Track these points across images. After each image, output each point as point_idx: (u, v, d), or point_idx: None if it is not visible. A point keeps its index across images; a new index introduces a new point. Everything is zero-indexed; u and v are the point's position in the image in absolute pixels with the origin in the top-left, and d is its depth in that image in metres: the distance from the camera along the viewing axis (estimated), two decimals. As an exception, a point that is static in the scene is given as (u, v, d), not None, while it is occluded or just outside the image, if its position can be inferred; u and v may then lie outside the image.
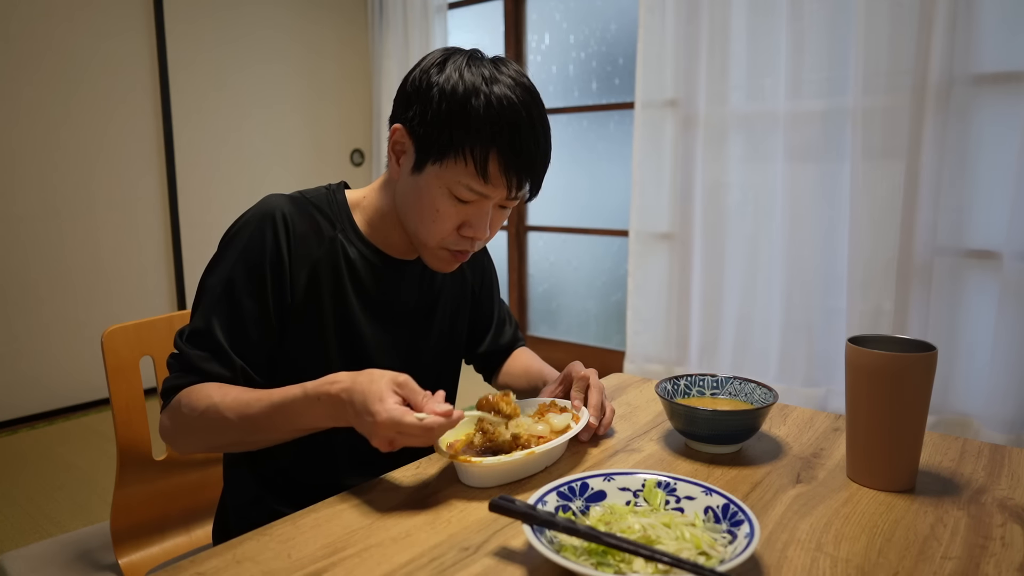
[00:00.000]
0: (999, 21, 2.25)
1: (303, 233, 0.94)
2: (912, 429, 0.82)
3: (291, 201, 0.96)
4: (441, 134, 0.87)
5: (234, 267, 0.91)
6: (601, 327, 3.70)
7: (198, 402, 0.86)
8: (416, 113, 0.90)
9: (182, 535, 1.19)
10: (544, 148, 0.92)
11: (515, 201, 0.94)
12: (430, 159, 0.89)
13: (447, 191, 0.90)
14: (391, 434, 0.76)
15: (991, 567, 0.67)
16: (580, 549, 0.66)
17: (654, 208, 3.06)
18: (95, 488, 2.46)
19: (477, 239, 0.94)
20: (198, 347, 0.90)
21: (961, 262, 2.40)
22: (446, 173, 0.89)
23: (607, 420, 0.99)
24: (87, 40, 3.13)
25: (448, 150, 0.87)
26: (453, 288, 1.11)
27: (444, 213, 0.91)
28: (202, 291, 0.93)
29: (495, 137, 0.86)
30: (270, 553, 0.71)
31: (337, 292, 0.97)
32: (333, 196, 1.01)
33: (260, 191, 3.73)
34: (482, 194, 0.89)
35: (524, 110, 0.88)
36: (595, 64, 3.54)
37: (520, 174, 0.89)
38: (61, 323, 3.16)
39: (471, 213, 0.92)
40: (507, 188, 0.89)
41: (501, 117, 0.86)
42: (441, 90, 0.88)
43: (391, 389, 0.77)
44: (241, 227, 0.93)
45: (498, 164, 0.87)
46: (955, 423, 2.45)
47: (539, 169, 0.92)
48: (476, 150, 0.86)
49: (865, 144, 2.48)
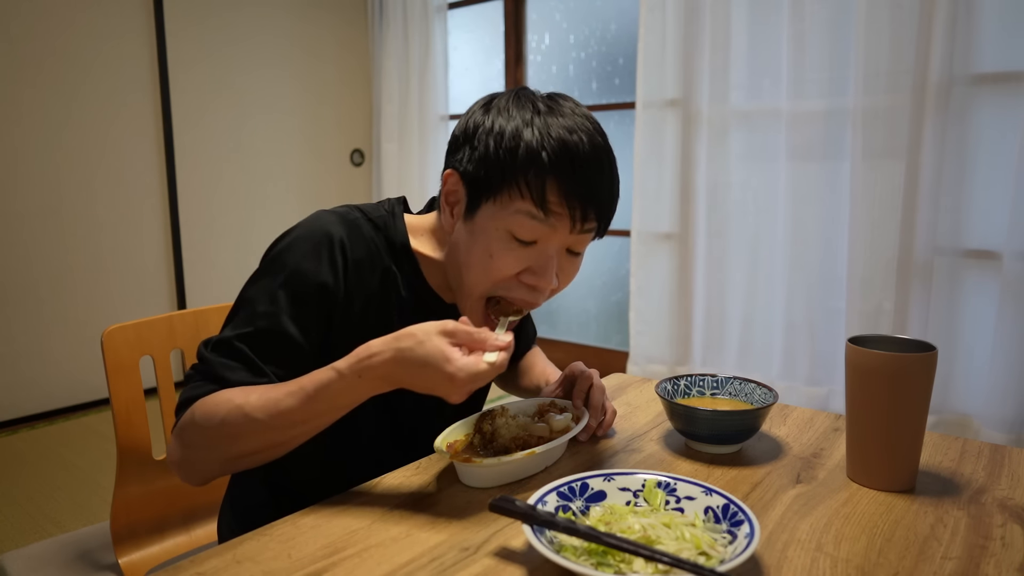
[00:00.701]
0: (999, 21, 2.25)
1: (358, 260, 0.88)
2: (912, 429, 0.82)
3: (346, 223, 0.89)
4: (493, 169, 0.82)
5: (280, 287, 0.85)
6: (601, 327, 3.70)
7: (216, 408, 0.78)
8: (465, 154, 0.85)
9: (182, 535, 1.19)
10: (610, 174, 0.84)
11: (583, 240, 0.85)
12: (483, 197, 0.83)
13: (504, 231, 0.82)
14: (470, 386, 0.72)
15: (991, 567, 0.67)
16: (580, 549, 0.66)
17: (656, 208, 3.06)
18: (95, 488, 2.46)
19: (539, 288, 0.85)
20: (225, 356, 0.82)
21: (961, 262, 2.40)
22: (502, 211, 0.82)
23: (608, 420, 0.99)
24: (88, 42, 3.13)
25: (502, 184, 0.81)
26: None
27: (501, 261, 0.83)
28: (240, 304, 0.86)
29: (552, 163, 0.80)
30: (270, 553, 0.71)
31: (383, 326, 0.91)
32: (392, 219, 0.93)
33: (260, 191, 3.74)
34: (544, 224, 0.81)
35: (583, 134, 0.82)
36: (595, 64, 3.54)
37: (584, 202, 0.81)
38: (61, 323, 3.16)
39: (534, 258, 0.84)
40: (571, 220, 0.81)
41: (560, 142, 0.80)
42: (490, 128, 0.83)
43: (449, 343, 0.71)
44: (292, 245, 0.87)
45: (558, 191, 0.80)
46: (955, 423, 2.45)
47: (604, 196, 0.84)
48: (532, 179, 0.80)
49: (865, 144, 2.48)
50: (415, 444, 1.02)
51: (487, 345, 0.73)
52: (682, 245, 3.00)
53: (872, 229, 2.51)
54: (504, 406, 0.98)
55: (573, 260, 0.88)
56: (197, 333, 1.20)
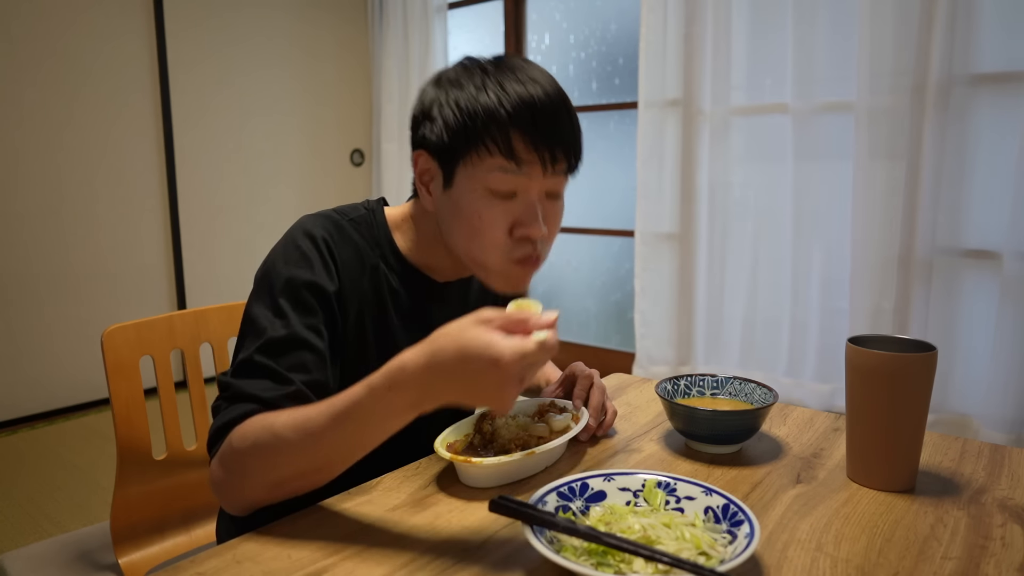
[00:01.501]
0: (999, 21, 2.25)
1: (347, 261, 0.90)
2: (912, 429, 0.82)
3: (330, 224, 0.91)
4: (458, 135, 0.84)
5: (280, 297, 0.85)
6: (601, 327, 3.70)
7: (249, 432, 0.75)
8: (428, 129, 0.87)
9: (182, 535, 1.19)
10: (568, 115, 0.86)
11: (559, 181, 0.88)
12: (457, 164, 0.86)
13: (483, 189, 0.85)
14: (522, 372, 0.65)
15: (991, 567, 0.67)
16: (580, 549, 0.66)
17: (659, 209, 3.06)
18: (95, 488, 2.46)
19: (534, 237, 0.86)
20: (245, 376, 0.82)
21: (961, 262, 2.40)
22: (476, 171, 0.85)
23: (608, 421, 0.99)
24: (89, 42, 3.13)
25: (470, 146, 0.84)
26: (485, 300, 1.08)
27: (488, 218, 0.85)
28: (245, 325, 0.86)
29: (513, 116, 0.82)
30: (270, 553, 0.71)
31: (382, 324, 0.93)
32: (373, 216, 0.95)
33: (260, 191, 3.74)
34: (518, 174, 0.84)
35: (536, 83, 0.84)
36: (595, 64, 3.54)
37: (550, 146, 0.84)
38: (61, 323, 3.16)
39: (517, 210, 0.86)
40: (541, 164, 0.84)
41: (515, 95, 0.83)
42: (445, 98, 0.86)
43: (488, 329, 0.66)
44: (280, 256, 0.88)
45: (524, 140, 0.83)
46: (955, 423, 2.45)
47: (568, 135, 0.86)
48: (497, 134, 0.83)
49: (866, 144, 2.48)
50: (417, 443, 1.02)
51: (530, 325, 0.67)
52: (684, 245, 3.00)
53: (872, 229, 2.51)
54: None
55: (555, 204, 0.90)
56: (197, 333, 1.20)
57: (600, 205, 3.61)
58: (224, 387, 0.83)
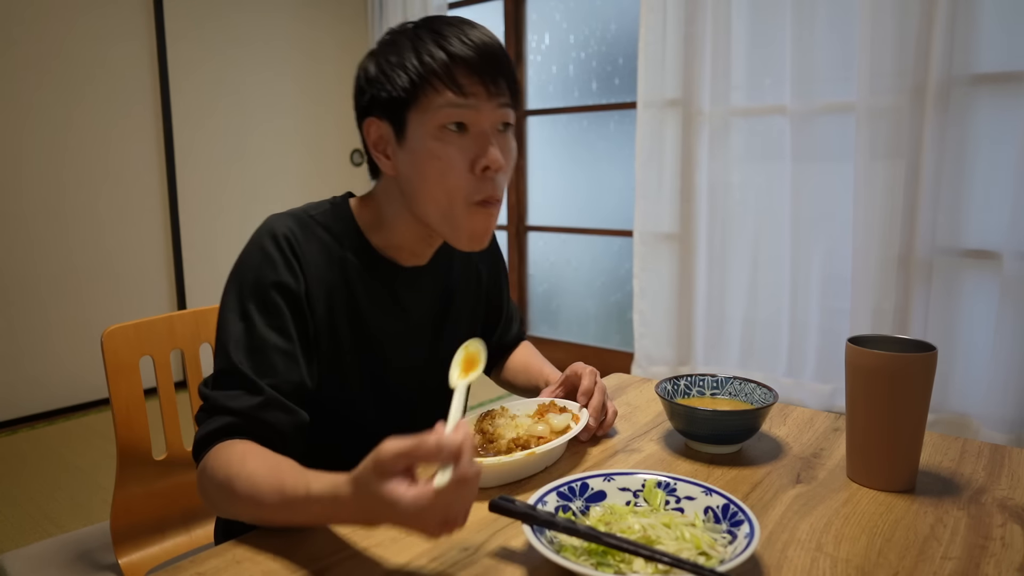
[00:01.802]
0: (999, 21, 2.25)
1: (313, 257, 0.91)
2: (912, 429, 0.82)
3: (295, 221, 0.92)
4: (399, 86, 0.87)
5: (247, 300, 0.87)
6: (601, 327, 3.70)
7: (218, 470, 0.78)
8: (371, 92, 0.90)
9: (182, 535, 1.19)
10: (494, 40, 0.90)
11: (505, 114, 0.90)
12: (406, 113, 0.88)
13: (436, 129, 0.87)
14: (440, 513, 0.61)
15: (991, 567, 0.67)
16: (580, 549, 0.66)
17: (658, 209, 3.06)
18: (95, 488, 2.46)
19: (492, 166, 0.88)
20: (224, 387, 0.85)
21: (961, 262, 2.40)
22: (426, 115, 0.87)
23: (609, 421, 0.99)
24: (89, 44, 3.13)
25: (417, 91, 0.87)
26: (467, 290, 1.09)
27: (447, 157, 0.87)
28: (219, 332, 0.88)
29: (450, 54, 0.86)
30: (270, 553, 0.71)
31: (354, 314, 0.94)
32: (339, 211, 0.97)
33: (260, 191, 3.74)
34: (466, 106, 0.86)
35: (466, 25, 0.89)
36: (595, 64, 3.54)
37: (492, 72, 0.87)
38: (62, 323, 3.16)
39: (472, 145, 0.87)
40: (485, 91, 0.87)
41: (449, 36, 0.86)
42: (378, 62, 0.90)
43: (384, 483, 0.60)
44: (245, 258, 0.90)
45: (466, 71, 0.86)
46: (955, 423, 2.45)
47: (505, 66, 0.89)
48: (440, 73, 0.85)
49: (865, 144, 2.48)
50: None
51: (437, 455, 0.60)
52: (684, 245, 3.00)
53: (872, 229, 2.51)
54: (504, 406, 0.98)
55: (506, 138, 0.91)
56: (197, 333, 1.20)
57: (600, 205, 3.61)
58: (203, 398, 0.86)
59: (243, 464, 0.76)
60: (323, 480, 0.66)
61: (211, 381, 0.87)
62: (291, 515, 0.70)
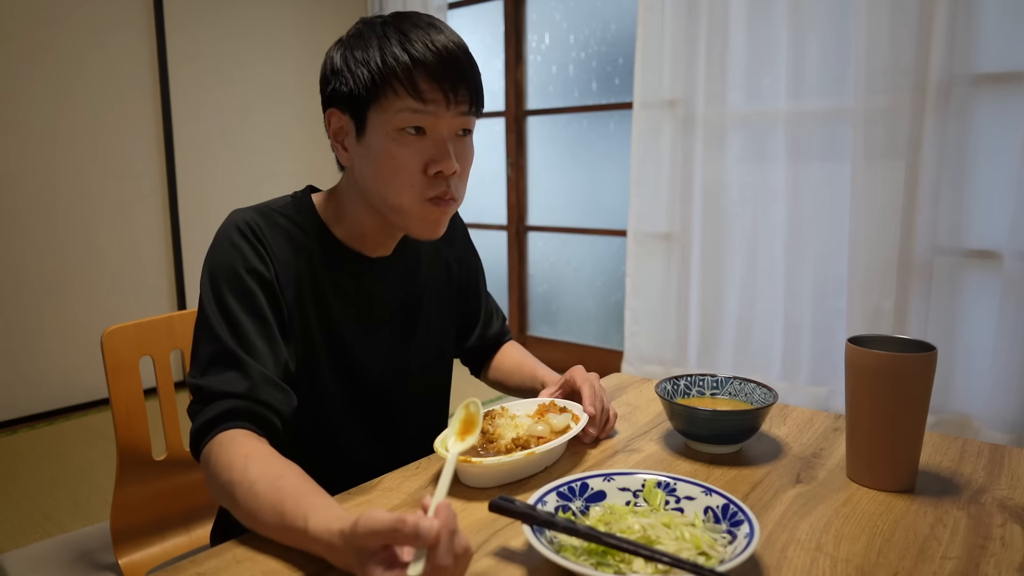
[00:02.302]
0: (999, 21, 2.25)
1: (279, 247, 0.93)
2: (912, 429, 0.82)
3: (258, 214, 0.94)
4: (361, 83, 0.87)
5: (221, 289, 0.89)
6: (601, 327, 3.70)
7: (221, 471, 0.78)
8: (335, 85, 0.91)
9: (182, 535, 1.19)
10: (467, 55, 0.90)
11: (466, 121, 0.91)
12: (367, 111, 0.88)
13: (394, 131, 0.87)
14: None
15: (991, 567, 0.67)
16: (580, 549, 0.66)
17: (653, 209, 3.06)
18: (95, 488, 2.46)
19: (446, 172, 0.89)
20: (209, 372, 0.86)
21: (961, 262, 2.40)
22: (385, 116, 0.87)
23: (610, 424, 0.99)
24: (87, 37, 3.13)
25: (377, 92, 0.87)
26: (438, 283, 1.09)
27: (401, 157, 0.88)
28: (198, 323, 0.90)
29: (413, 57, 0.86)
30: (270, 553, 0.71)
31: (321, 304, 0.95)
32: (300, 203, 0.98)
33: (260, 189, 3.74)
34: (424, 112, 0.87)
35: (431, 28, 0.88)
36: (595, 64, 3.54)
37: (452, 81, 0.87)
38: (61, 323, 3.16)
39: (429, 149, 0.88)
40: (444, 99, 0.87)
41: (414, 38, 0.87)
42: (342, 52, 0.90)
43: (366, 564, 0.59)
44: (213, 251, 0.91)
45: (427, 77, 0.86)
46: (955, 423, 2.45)
47: (468, 73, 0.89)
48: (401, 76, 0.86)
49: (865, 144, 2.48)
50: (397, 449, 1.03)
51: (413, 542, 0.58)
52: (679, 246, 3.00)
53: (872, 229, 2.51)
54: (504, 406, 0.98)
55: (464, 143, 0.92)
56: (197, 333, 1.20)
57: (601, 205, 3.61)
58: (196, 389, 0.86)
59: (246, 471, 0.75)
60: (321, 519, 0.66)
61: (198, 372, 0.87)
62: (287, 540, 0.70)
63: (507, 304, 3.98)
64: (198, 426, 0.83)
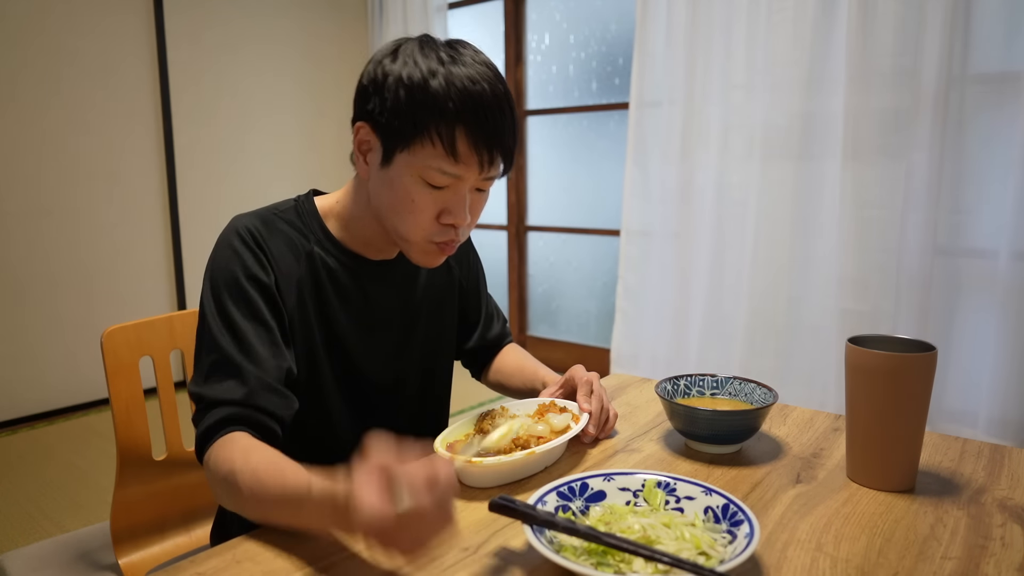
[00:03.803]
0: (999, 21, 2.25)
1: (280, 252, 0.93)
2: (912, 429, 0.82)
3: (260, 220, 0.94)
4: (405, 120, 0.85)
5: (223, 297, 0.89)
6: (601, 327, 3.70)
7: (222, 464, 0.79)
8: (376, 105, 0.88)
9: (182, 535, 1.19)
10: (511, 120, 0.89)
11: (490, 181, 0.91)
12: (398, 148, 0.87)
13: (419, 178, 0.87)
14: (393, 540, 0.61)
15: (991, 567, 0.67)
16: (580, 549, 0.66)
17: (649, 209, 3.06)
18: (95, 488, 2.46)
19: (458, 226, 0.90)
20: (212, 381, 0.86)
21: (960, 262, 2.40)
22: (415, 159, 0.86)
23: (609, 425, 0.99)
24: (88, 43, 3.13)
25: (414, 135, 0.85)
26: (438, 285, 1.10)
27: (420, 203, 0.88)
28: (200, 332, 0.90)
29: (460, 113, 0.83)
30: (270, 553, 0.71)
31: (322, 307, 0.95)
32: (303, 207, 0.98)
33: (260, 190, 3.74)
34: (454, 175, 0.86)
35: (486, 84, 0.86)
36: (595, 64, 3.54)
37: (490, 148, 0.86)
38: (61, 323, 3.16)
39: (448, 199, 0.88)
40: (479, 165, 0.86)
41: (464, 93, 0.84)
42: (398, 77, 0.86)
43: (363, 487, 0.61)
44: (216, 257, 0.91)
45: (466, 140, 0.84)
46: (955, 423, 2.45)
47: (508, 142, 0.89)
48: (442, 129, 0.84)
49: (864, 144, 2.48)
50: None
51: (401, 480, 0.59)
52: (675, 246, 2.99)
53: (871, 229, 2.51)
54: (504, 406, 0.98)
55: (481, 196, 0.93)
56: (197, 333, 1.20)
57: (601, 205, 3.61)
58: (197, 399, 0.87)
59: (246, 459, 0.77)
60: (324, 483, 0.67)
61: (200, 380, 0.88)
62: (289, 515, 0.71)
63: (507, 304, 3.98)
64: (200, 433, 0.84)
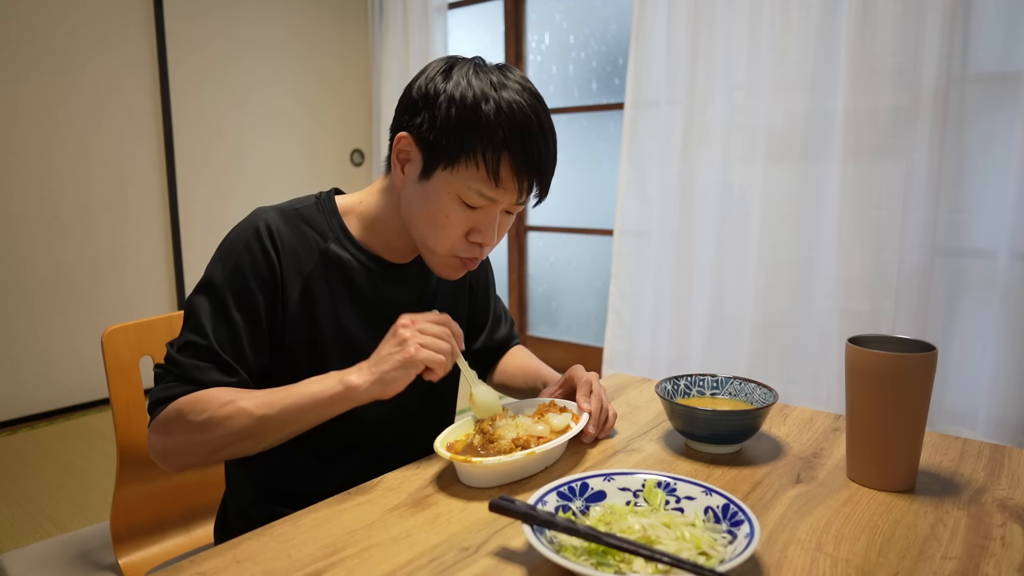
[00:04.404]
0: (999, 21, 2.25)
1: (292, 248, 0.94)
2: (912, 429, 0.82)
3: (280, 215, 0.96)
4: (452, 139, 0.87)
5: (224, 283, 0.91)
6: (601, 327, 3.70)
7: (210, 406, 0.83)
8: (424, 120, 0.89)
9: (182, 535, 1.19)
10: (553, 151, 0.93)
11: (521, 206, 0.94)
12: (440, 165, 0.89)
13: (456, 197, 0.90)
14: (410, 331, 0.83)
15: (991, 567, 0.67)
16: (580, 549, 0.66)
17: (645, 209, 3.06)
18: (95, 488, 2.46)
19: (486, 245, 0.94)
20: (195, 358, 0.88)
21: (960, 262, 2.40)
22: (456, 178, 0.89)
23: (609, 424, 0.99)
24: (87, 40, 3.13)
25: (459, 155, 0.87)
26: (449, 286, 1.10)
27: (453, 219, 0.91)
28: (193, 305, 0.91)
29: (507, 141, 0.86)
30: (270, 553, 0.71)
31: (332, 301, 0.96)
32: (323, 205, 1.00)
33: (260, 191, 3.74)
34: (492, 199, 0.89)
35: (534, 114, 0.89)
36: (595, 64, 3.54)
37: (531, 177, 0.90)
38: (61, 323, 3.16)
39: (479, 219, 0.92)
40: (518, 192, 0.90)
41: (512, 121, 0.87)
42: (450, 97, 0.88)
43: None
44: (230, 243, 0.94)
45: (510, 167, 0.88)
46: (955, 423, 2.45)
47: (548, 172, 0.93)
48: (488, 154, 0.87)
49: (864, 144, 2.48)
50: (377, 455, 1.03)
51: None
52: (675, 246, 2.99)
53: (871, 229, 2.51)
54: (504, 406, 0.98)
55: (509, 218, 0.96)
56: (197, 333, 1.20)
57: (601, 206, 3.61)
58: (172, 361, 0.89)
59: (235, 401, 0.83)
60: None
61: (179, 345, 0.90)
62: (305, 406, 0.83)
63: (507, 304, 3.98)
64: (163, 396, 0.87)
